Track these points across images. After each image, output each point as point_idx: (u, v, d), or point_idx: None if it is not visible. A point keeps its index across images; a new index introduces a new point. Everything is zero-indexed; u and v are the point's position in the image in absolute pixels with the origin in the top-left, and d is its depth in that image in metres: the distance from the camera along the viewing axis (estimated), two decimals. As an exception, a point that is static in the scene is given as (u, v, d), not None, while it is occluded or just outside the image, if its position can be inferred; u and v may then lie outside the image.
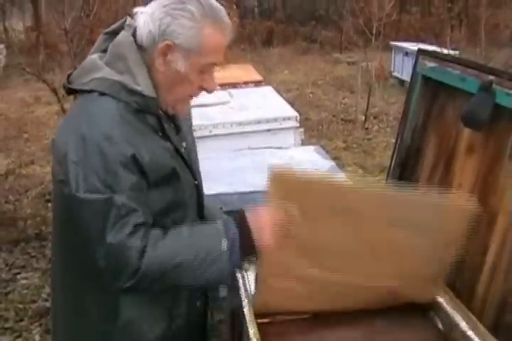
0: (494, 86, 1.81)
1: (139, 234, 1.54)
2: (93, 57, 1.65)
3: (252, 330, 1.72)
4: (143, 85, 1.58)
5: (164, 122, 1.68)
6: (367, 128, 8.31)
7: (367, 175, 6.31)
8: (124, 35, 1.63)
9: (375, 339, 1.82)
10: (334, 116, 9.05)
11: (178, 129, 1.78)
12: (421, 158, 2.32)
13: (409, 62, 10.08)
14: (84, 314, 1.69)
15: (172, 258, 1.56)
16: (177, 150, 1.71)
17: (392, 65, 11.55)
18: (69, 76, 1.67)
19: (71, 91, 1.68)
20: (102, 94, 1.57)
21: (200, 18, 1.57)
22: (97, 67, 1.61)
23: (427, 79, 2.28)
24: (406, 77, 10.22)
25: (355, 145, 7.50)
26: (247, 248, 1.63)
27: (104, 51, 1.66)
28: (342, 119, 8.84)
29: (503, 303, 1.77)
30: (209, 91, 1.70)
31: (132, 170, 1.54)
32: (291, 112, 4.09)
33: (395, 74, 11.33)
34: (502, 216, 1.81)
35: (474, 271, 1.90)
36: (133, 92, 1.57)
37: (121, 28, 1.67)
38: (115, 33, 1.67)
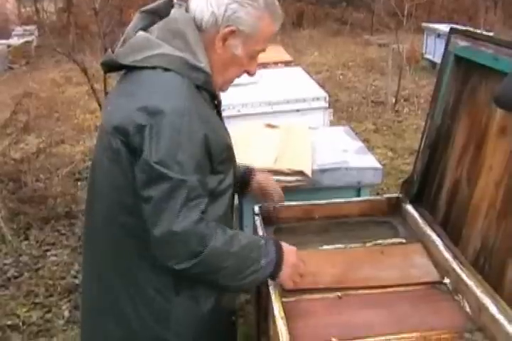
0: (529, 66, 1.77)
1: (204, 221, 1.57)
2: (142, 34, 1.64)
3: (277, 309, 1.72)
4: (204, 62, 1.63)
5: (216, 99, 1.75)
6: (397, 111, 8.21)
7: (396, 158, 6.26)
8: (179, 13, 1.65)
9: (401, 321, 1.80)
10: (364, 98, 8.96)
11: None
12: (451, 140, 2.29)
13: (441, 44, 9.72)
14: (142, 296, 1.70)
15: (225, 257, 1.63)
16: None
17: (423, 47, 11.36)
18: (112, 52, 1.67)
19: (112, 69, 1.70)
20: (166, 69, 1.58)
21: (263, 8, 1.66)
22: (151, 44, 1.61)
23: (458, 59, 2.24)
24: (438, 59, 9.98)
25: (385, 128, 7.42)
26: None
27: (143, 29, 1.67)
28: (372, 101, 8.74)
29: (533, 288, 1.74)
30: (251, 74, 1.80)
31: (202, 150, 1.57)
32: (321, 92, 4.05)
33: (427, 56, 11.14)
34: (534, 199, 1.78)
35: (504, 255, 1.87)
36: (195, 68, 1.61)
37: (163, 6, 1.70)
38: (154, 12, 1.70)
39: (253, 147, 2.89)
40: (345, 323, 1.79)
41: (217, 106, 1.77)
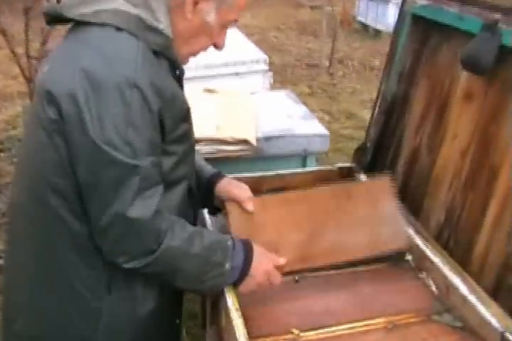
0: (500, 25, 1.62)
1: (162, 215, 1.38)
2: None
3: (231, 300, 1.53)
4: (164, 23, 1.38)
5: (177, 68, 1.51)
6: (332, 74, 8.09)
7: (333, 122, 6.14)
8: None
9: (365, 305, 1.66)
10: (298, 60, 8.81)
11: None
12: (409, 106, 2.13)
13: (373, 7, 9.85)
14: (68, 291, 1.47)
15: (184, 257, 1.45)
16: None
17: (356, 10, 11.23)
18: (57, 2, 1.39)
19: (56, 21, 1.43)
20: (119, 29, 1.33)
21: None
22: None
23: (416, 19, 2.07)
24: (370, 21, 10.02)
25: (320, 91, 7.31)
26: None
27: None
28: (306, 64, 8.60)
29: (505, 266, 1.62)
30: (219, 47, 1.57)
31: (155, 128, 1.35)
32: (260, 55, 3.85)
33: (359, 18, 11.00)
34: (504, 171, 1.64)
35: (472, 230, 1.74)
36: (152, 30, 1.36)
37: None
38: None
39: (193, 115, 2.67)
40: (305, 310, 1.63)
41: (178, 78, 1.52)
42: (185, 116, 1.49)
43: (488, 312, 1.52)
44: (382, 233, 1.82)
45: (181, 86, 1.54)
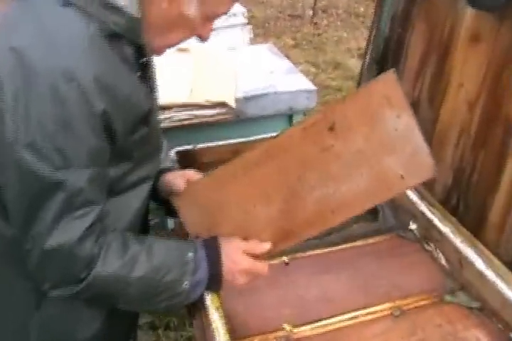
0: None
1: (92, 237, 1.11)
2: None
3: (209, 296, 1.29)
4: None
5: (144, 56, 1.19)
6: (316, 24, 7.79)
7: (319, 73, 5.88)
8: None
9: (367, 288, 1.45)
10: (280, 12, 8.47)
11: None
12: (404, 52, 1.87)
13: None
14: (3, 303, 1.27)
15: (124, 283, 1.17)
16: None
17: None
18: None
19: None
20: (66, 3, 1.03)
21: None
22: None
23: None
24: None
25: (304, 42, 7.03)
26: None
27: None
28: (289, 15, 8.28)
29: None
30: (203, 39, 1.25)
31: (99, 133, 1.06)
32: (237, 7, 3.54)
33: (342, -36, 10.63)
34: (523, 123, 1.40)
35: (486, 194, 1.51)
36: (109, 7, 1.05)
37: None
38: None
39: (164, 78, 2.39)
40: (299, 299, 1.41)
41: (144, 68, 1.22)
42: (143, 118, 1.19)
43: (511, 290, 1.31)
44: (392, 164, 1.23)
45: (146, 77, 1.24)
